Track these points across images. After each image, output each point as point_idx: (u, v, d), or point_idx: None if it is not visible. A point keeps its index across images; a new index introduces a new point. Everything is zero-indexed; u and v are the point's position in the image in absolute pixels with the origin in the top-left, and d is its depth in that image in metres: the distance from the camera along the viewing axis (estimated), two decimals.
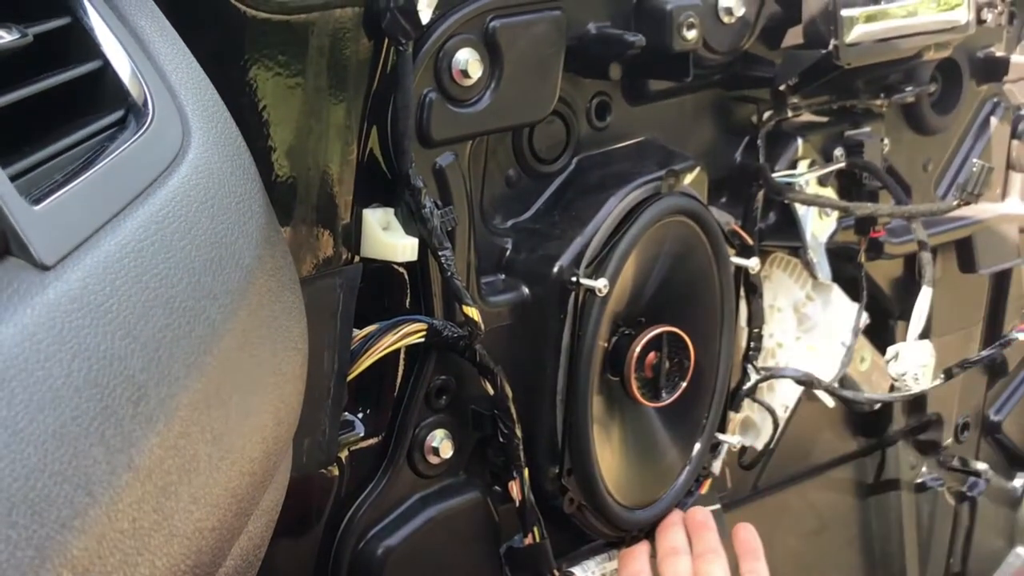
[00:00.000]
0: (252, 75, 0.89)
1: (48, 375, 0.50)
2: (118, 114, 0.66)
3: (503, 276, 1.11)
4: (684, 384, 1.17)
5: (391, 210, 1.02)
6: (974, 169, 1.16)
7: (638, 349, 1.12)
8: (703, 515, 1.21)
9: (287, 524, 0.94)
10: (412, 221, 1.01)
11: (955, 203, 1.19)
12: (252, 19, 0.88)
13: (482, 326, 1.03)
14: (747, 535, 1.20)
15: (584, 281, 1.08)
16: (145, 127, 0.65)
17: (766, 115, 1.29)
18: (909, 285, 1.46)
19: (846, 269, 1.41)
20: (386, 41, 0.96)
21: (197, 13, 0.86)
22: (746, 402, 1.32)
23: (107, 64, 0.68)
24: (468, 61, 1.01)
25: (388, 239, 1.00)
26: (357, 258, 1.00)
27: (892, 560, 1.62)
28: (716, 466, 1.28)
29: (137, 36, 0.70)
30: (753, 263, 1.24)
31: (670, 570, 1.14)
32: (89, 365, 0.52)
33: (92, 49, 0.68)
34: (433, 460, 1.08)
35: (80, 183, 0.59)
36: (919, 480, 1.63)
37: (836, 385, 1.37)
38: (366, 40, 0.96)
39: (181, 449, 0.56)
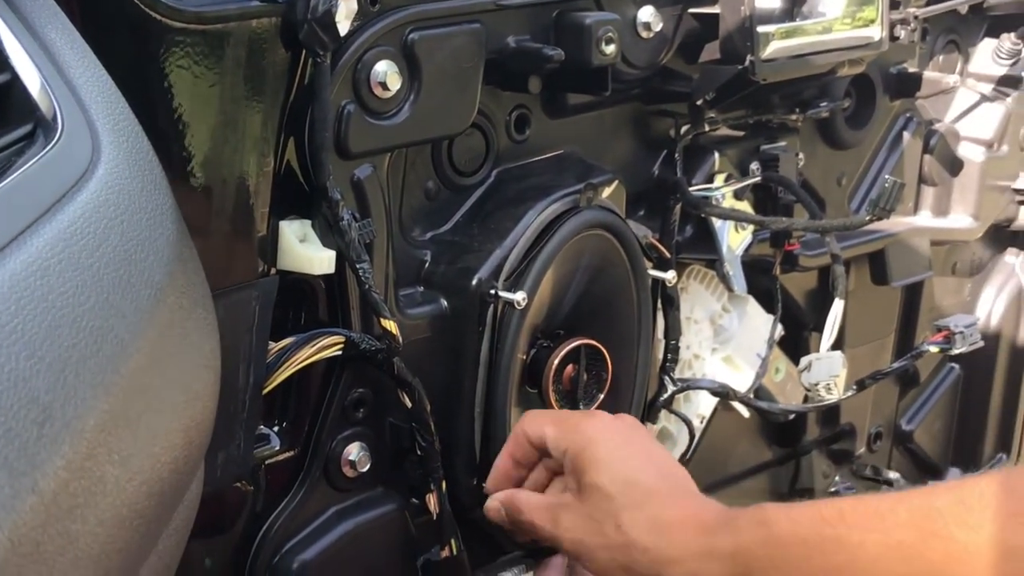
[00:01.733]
0: (167, 85, 0.88)
1: None
2: (26, 128, 0.65)
3: (421, 289, 1.11)
4: (602, 396, 1.17)
5: (308, 222, 1.01)
6: (886, 185, 1.18)
7: (556, 361, 1.13)
8: None
9: (200, 539, 0.94)
10: (329, 233, 1.00)
11: (867, 218, 1.21)
12: (168, 28, 0.87)
13: (400, 339, 1.03)
14: None
15: (502, 294, 1.08)
16: (54, 142, 0.64)
17: (683, 129, 1.31)
18: (823, 297, 1.48)
19: (761, 281, 1.42)
20: (304, 52, 0.96)
21: (111, 23, 0.85)
22: (663, 413, 1.33)
23: (15, 77, 0.67)
24: (387, 73, 1.01)
25: (305, 251, 1.00)
26: (274, 270, 1.00)
27: None
28: None
29: (47, 48, 0.69)
30: (670, 276, 1.25)
31: None
32: None
33: (0, 61, 0.67)
34: (350, 473, 1.08)
35: None
36: (832, 489, 1.65)
37: (751, 396, 1.38)
38: (283, 51, 0.95)
39: (87, 471, 0.55)
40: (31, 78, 0.67)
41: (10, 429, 0.51)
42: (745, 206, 1.37)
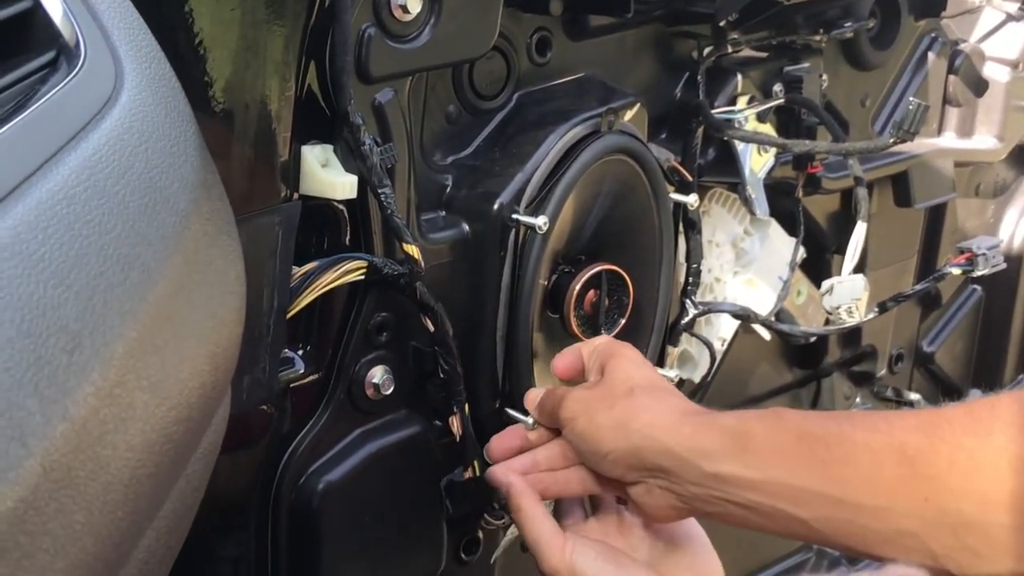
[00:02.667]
0: (188, 8, 0.88)
1: None
2: (49, 56, 0.65)
3: (443, 213, 1.11)
4: (623, 321, 1.18)
5: (330, 147, 1.01)
6: (910, 107, 1.17)
7: (578, 287, 1.13)
8: None
9: (227, 462, 0.95)
10: (351, 158, 1.00)
11: (891, 141, 1.21)
12: None
13: (422, 264, 1.03)
14: None
15: (524, 219, 1.08)
16: (77, 69, 0.64)
17: (706, 51, 1.30)
18: (845, 220, 1.48)
19: (784, 204, 1.42)
20: None
21: None
22: (684, 336, 1.34)
23: (38, 4, 0.67)
24: None
25: (327, 176, 1.00)
26: (296, 195, 1.00)
27: None
28: None
29: None
30: (692, 199, 1.25)
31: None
32: (21, 315, 0.52)
33: None
34: (374, 396, 1.09)
35: (10, 128, 0.58)
36: (853, 410, 1.65)
37: (773, 319, 1.39)
38: None
39: (117, 398, 0.56)
40: (53, 5, 0.66)
41: (40, 357, 0.52)
42: (768, 128, 1.36)
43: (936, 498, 0.82)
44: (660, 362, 1.28)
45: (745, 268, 1.43)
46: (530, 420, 1.09)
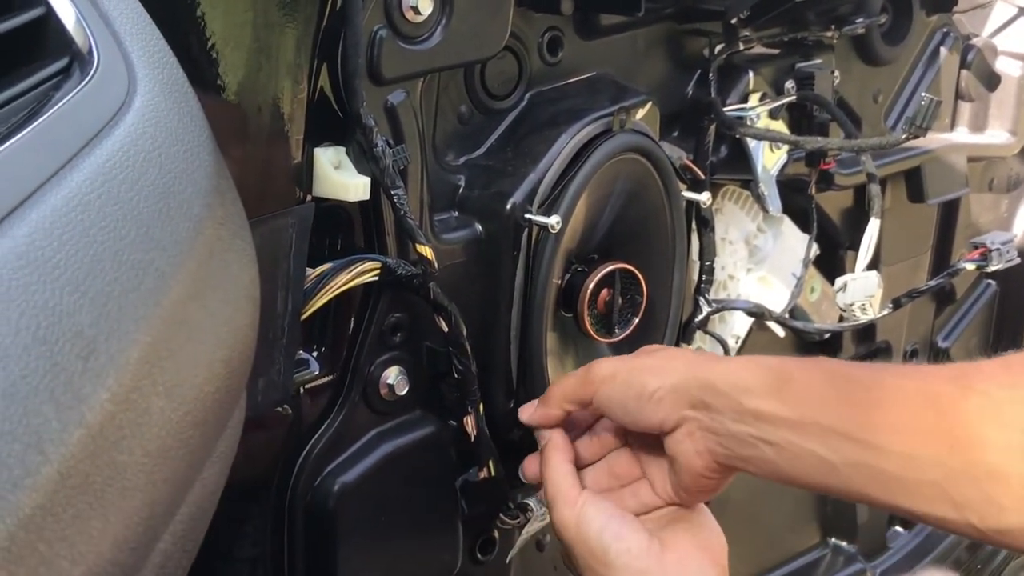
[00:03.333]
0: (200, 12, 0.88)
1: None
2: (62, 63, 0.65)
3: (456, 213, 1.11)
4: (637, 319, 1.18)
5: (343, 149, 1.01)
6: (923, 103, 1.17)
7: (591, 286, 1.13)
8: None
9: (242, 464, 0.95)
10: (364, 160, 1.00)
11: (904, 137, 1.20)
12: None
13: (436, 264, 1.03)
14: None
15: (537, 218, 1.08)
16: (90, 76, 0.64)
17: (718, 48, 1.30)
18: (858, 215, 1.47)
19: (796, 201, 1.42)
20: None
21: None
22: (698, 334, 1.34)
23: (50, 10, 0.67)
24: None
25: (340, 178, 1.00)
26: (309, 197, 1.00)
27: None
28: None
29: None
30: (705, 197, 1.25)
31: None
32: (37, 322, 0.52)
33: None
34: (388, 397, 1.09)
35: (24, 135, 0.58)
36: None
37: (786, 316, 1.39)
38: None
39: (133, 403, 0.56)
40: (66, 11, 0.67)
41: (56, 363, 0.52)
42: (780, 125, 1.36)
43: (962, 448, 0.81)
44: None
45: (758, 265, 1.43)
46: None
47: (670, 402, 0.95)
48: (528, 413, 1.08)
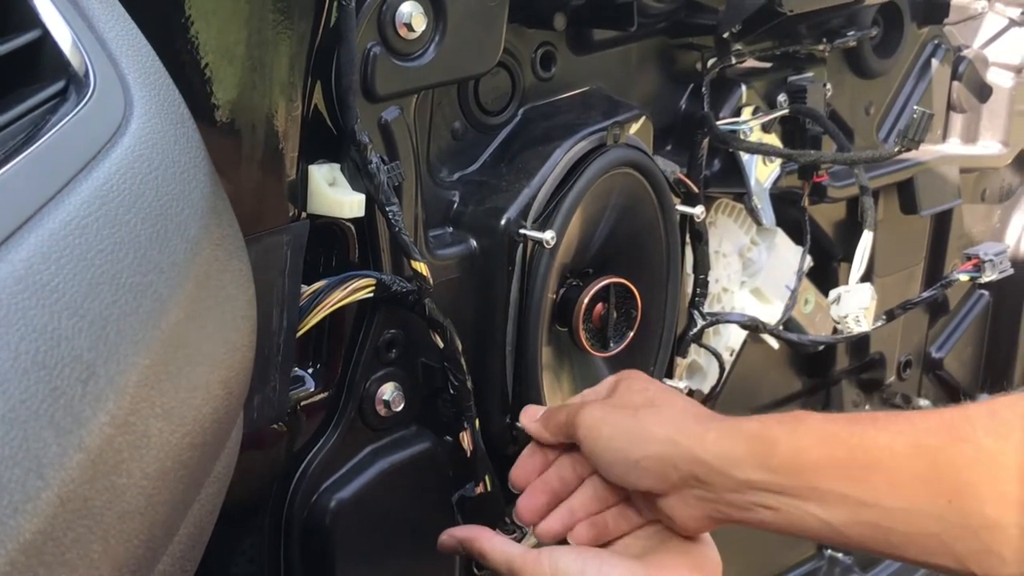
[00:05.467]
0: (193, 32, 0.89)
1: None
2: (58, 85, 0.65)
3: (451, 229, 1.11)
4: (631, 334, 1.18)
5: (337, 166, 1.01)
6: (915, 116, 1.18)
7: (586, 300, 1.13)
8: None
9: (239, 482, 0.95)
10: (359, 177, 1.01)
11: (896, 149, 1.21)
12: None
13: (431, 280, 1.03)
14: None
15: (531, 233, 1.09)
16: (86, 98, 0.64)
17: (710, 62, 1.30)
18: (852, 227, 1.48)
19: (790, 213, 1.42)
20: None
21: None
22: (692, 347, 1.34)
23: (46, 33, 0.67)
24: (412, 14, 1.00)
25: (335, 195, 1.00)
26: (304, 215, 1.00)
27: None
28: None
29: (76, 3, 0.69)
30: (698, 211, 1.25)
31: None
32: (36, 346, 0.52)
33: (30, 18, 0.67)
34: (384, 413, 1.09)
35: (22, 160, 0.58)
36: (874, 412, 1.65)
37: (781, 328, 1.39)
38: None
39: (131, 426, 0.56)
40: (62, 34, 0.67)
41: (56, 388, 0.52)
42: (773, 139, 1.37)
43: (959, 500, 0.82)
44: (669, 373, 1.29)
45: (752, 278, 1.43)
46: None
47: (657, 472, 0.95)
48: (531, 422, 1.07)
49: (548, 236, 1.08)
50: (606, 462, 0.99)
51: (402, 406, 1.09)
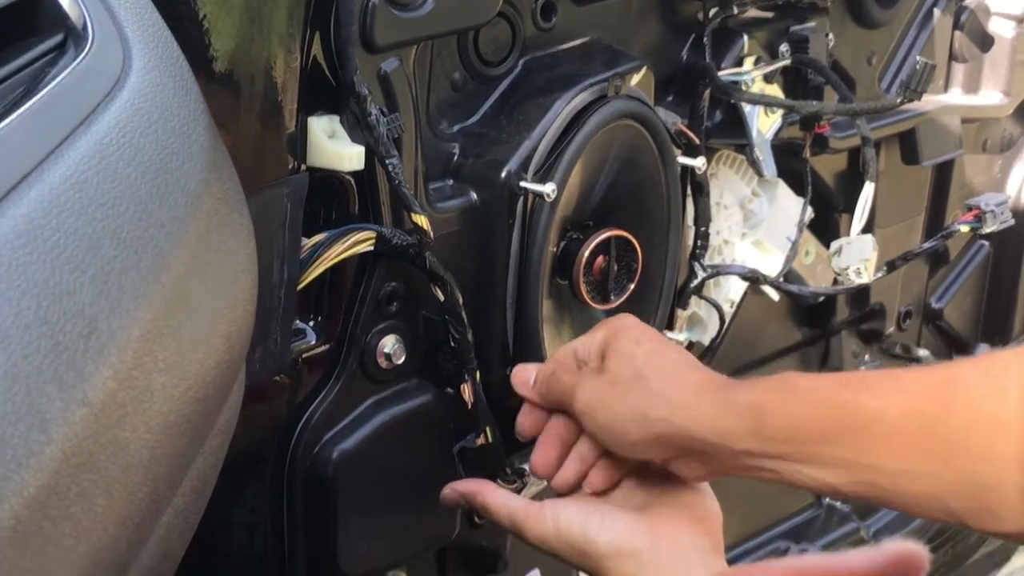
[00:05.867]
0: None
1: None
2: (56, 39, 0.65)
3: (451, 182, 1.11)
4: (632, 286, 1.18)
5: (336, 118, 1.01)
6: (917, 67, 1.17)
7: (586, 253, 1.13)
8: None
9: (242, 434, 0.95)
10: (358, 129, 1.00)
11: (898, 100, 1.20)
12: None
13: (431, 233, 1.03)
14: None
15: (532, 186, 1.08)
16: (85, 52, 0.64)
17: (712, 12, 1.29)
18: (853, 178, 1.47)
19: (791, 164, 1.42)
20: None
21: None
22: (693, 299, 1.34)
23: None
24: None
25: (334, 148, 1.00)
26: (304, 167, 1.00)
27: None
28: None
29: None
30: (700, 162, 1.25)
31: None
32: (38, 302, 0.52)
33: None
34: (385, 365, 1.09)
35: (21, 114, 0.58)
36: (862, 368, 1.66)
37: (781, 280, 1.39)
38: None
39: (134, 380, 0.56)
40: None
41: (58, 343, 0.52)
42: (775, 89, 1.36)
43: (955, 462, 0.82)
44: (670, 325, 1.29)
45: (753, 230, 1.43)
46: None
47: (656, 448, 0.95)
48: (524, 388, 1.07)
49: (549, 189, 1.08)
50: (603, 441, 0.99)
51: (403, 359, 1.10)
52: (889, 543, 0.76)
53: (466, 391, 1.10)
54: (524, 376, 1.07)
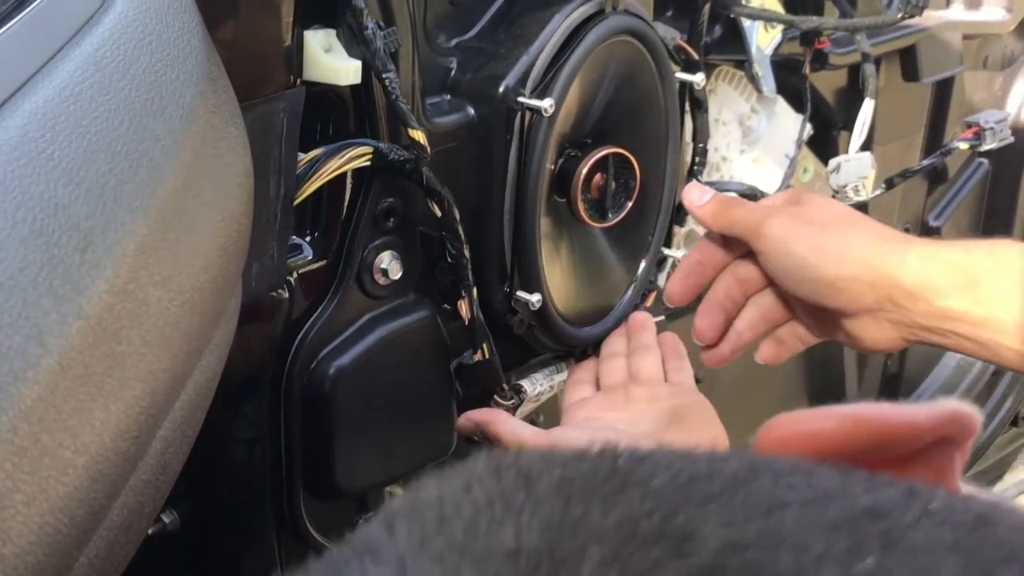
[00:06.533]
0: None
1: None
2: None
3: (448, 97, 1.10)
4: (630, 204, 1.18)
5: (333, 31, 1.00)
6: None
7: (584, 171, 1.13)
8: (641, 317, 1.23)
9: (239, 349, 0.96)
10: (355, 43, 0.99)
11: (900, 16, 1.19)
12: None
13: (428, 148, 1.03)
14: (671, 339, 1.22)
15: (530, 101, 1.07)
16: None
17: None
18: (853, 95, 1.46)
19: (790, 81, 1.41)
20: None
21: None
22: (691, 217, 1.33)
23: None
24: None
25: (330, 62, 0.99)
26: (300, 81, 0.99)
27: (832, 363, 1.66)
28: (661, 279, 1.30)
29: None
30: (698, 79, 1.24)
31: (607, 371, 1.17)
32: (34, 215, 0.52)
33: None
34: (382, 281, 1.09)
35: (12, 27, 0.57)
36: None
37: None
38: None
39: (130, 294, 0.56)
40: None
41: (53, 256, 0.52)
42: (775, 4, 1.34)
43: None
44: (667, 242, 1.29)
45: (752, 146, 1.42)
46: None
47: (852, 292, 0.91)
48: (697, 204, 1.01)
49: (546, 104, 1.07)
50: (795, 279, 0.94)
51: (400, 274, 1.09)
52: (945, 401, 0.76)
53: (463, 307, 1.10)
54: (698, 191, 1.03)
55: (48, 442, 0.50)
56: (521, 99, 1.07)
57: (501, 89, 1.08)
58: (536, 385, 1.22)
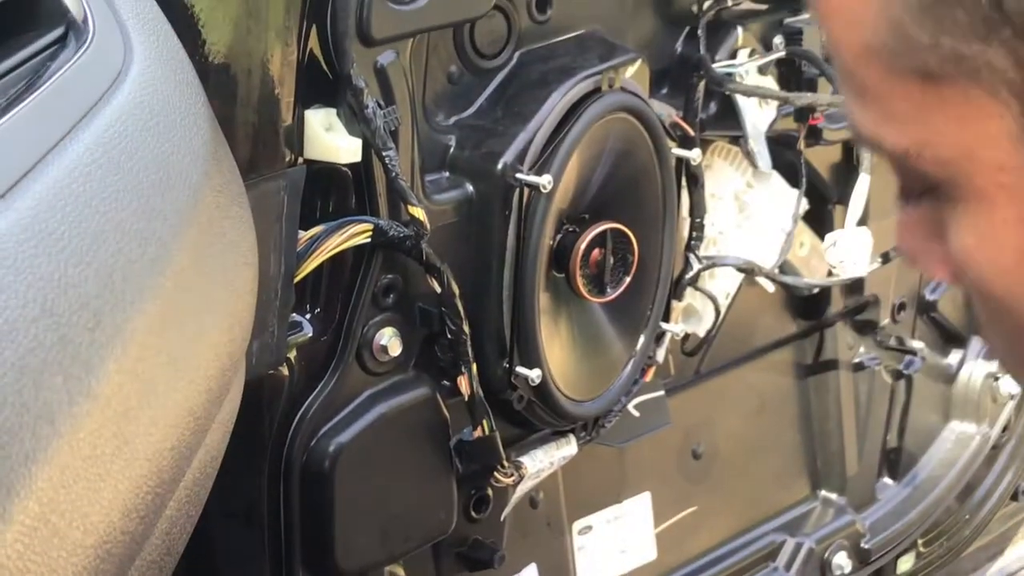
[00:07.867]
0: None
1: (4, 307, 0.50)
2: (57, 32, 0.65)
3: (447, 174, 1.11)
4: (628, 279, 1.18)
5: (333, 111, 1.01)
6: None
7: (583, 246, 1.13)
8: None
9: (240, 427, 0.95)
10: (355, 122, 1.00)
11: None
12: None
13: (427, 225, 1.03)
14: None
15: (528, 178, 1.08)
16: (86, 45, 0.64)
17: (706, 4, 1.29)
18: (847, 170, 1.48)
19: (785, 156, 1.42)
20: None
21: None
22: (688, 290, 1.34)
23: None
24: None
25: (331, 140, 1.00)
26: (301, 160, 1.00)
27: (831, 437, 1.66)
28: (660, 354, 1.30)
29: None
30: (694, 154, 1.25)
31: None
32: (44, 295, 0.52)
33: None
34: (382, 358, 1.09)
35: (23, 108, 0.58)
36: (857, 360, 1.66)
37: (776, 271, 1.39)
38: None
39: (139, 373, 0.56)
40: None
41: (64, 336, 0.52)
42: (769, 81, 1.36)
43: None
44: (666, 317, 1.29)
45: (748, 221, 1.43)
46: None
47: None
48: None
49: (544, 181, 1.08)
50: None
51: (400, 351, 1.10)
52: None
53: (463, 383, 1.10)
54: None
55: (58, 522, 0.50)
56: (519, 176, 1.08)
57: (499, 166, 1.09)
58: (536, 462, 1.21)
